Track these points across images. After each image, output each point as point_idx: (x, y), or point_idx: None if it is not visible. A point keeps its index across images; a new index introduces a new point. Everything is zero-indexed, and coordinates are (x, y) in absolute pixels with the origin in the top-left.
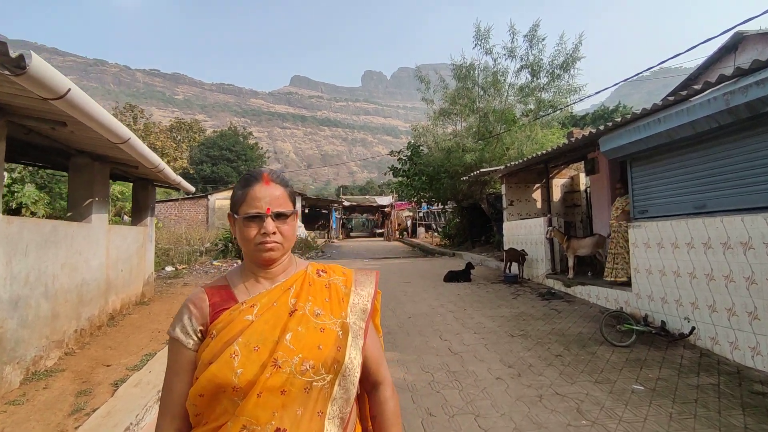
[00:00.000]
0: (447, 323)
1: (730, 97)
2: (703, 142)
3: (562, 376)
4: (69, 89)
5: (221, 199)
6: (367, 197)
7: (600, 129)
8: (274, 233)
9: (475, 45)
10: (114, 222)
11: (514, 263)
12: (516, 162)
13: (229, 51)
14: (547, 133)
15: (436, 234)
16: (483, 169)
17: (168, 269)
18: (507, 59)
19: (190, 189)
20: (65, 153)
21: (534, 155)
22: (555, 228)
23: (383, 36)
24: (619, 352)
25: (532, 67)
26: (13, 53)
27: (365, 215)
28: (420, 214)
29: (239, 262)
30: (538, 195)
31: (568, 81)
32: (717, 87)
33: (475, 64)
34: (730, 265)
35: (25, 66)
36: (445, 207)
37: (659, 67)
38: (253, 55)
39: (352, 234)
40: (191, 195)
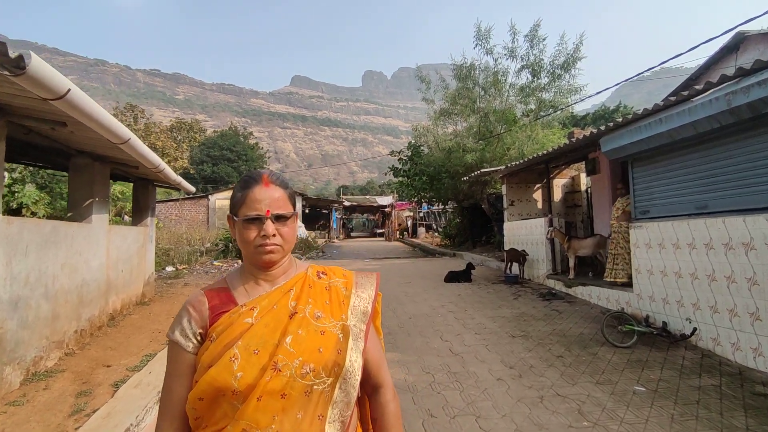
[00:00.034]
0: (448, 324)
1: (731, 98)
2: (705, 142)
3: (563, 377)
4: (69, 89)
5: (222, 199)
6: (368, 197)
7: (601, 129)
8: (274, 235)
9: (476, 45)
10: (114, 222)
11: (514, 263)
12: (517, 162)
13: (230, 51)
14: (548, 133)
15: (436, 234)
16: (484, 170)
17: (168, 269)
18: (508, 59)
19: (190, 189)
20: (65, 153)
21: (535, 155)
22: (556, 228)
23: (384, 36)
24: (621, 353)
25: (532, 67)
26: (13, 53)
27: (366, 215)
28: (420, 214)
29: (240, 262)
30: (538, 195)
31: (568, 81)
32: (719, 87)
33: (476, 64)
34: (731, 266)
35: (25, 66)
36: (446, 207)
37: (660, 67)
38: (254, 55)
39: (352, 234)
40: (192, 195)
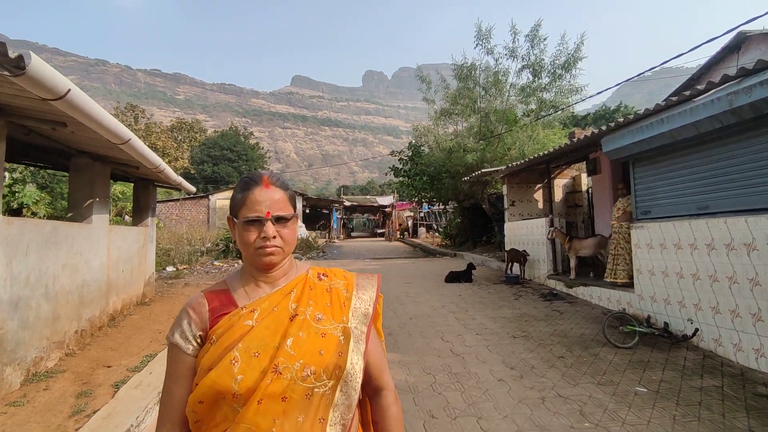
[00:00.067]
0: (449, 324)
1: (733, 98)
2: (707, 142)
3: (564, 377)
4: (69, 90)
5: (222, 199)
6: (368, 197)
7: (602, 129)
8: (274, 237)
9: (477, 45)
10: (115, 222)
11: (515, 264)
12: (517, 162)
13: (230, 51)
14: (549, 134)
15: (437, 234)
16: (484, 170)
17: (169, 269)
18: (508, 59)
19: (190, 189)
20: (66, 153)
21: (536, 155)
22: (557, 228)
23: (384, 36)
24: (622, 353)
25: (533, 67)
26: (13, 53)
27: (366, 215)
28: (421, 214)
29: (240, 262)
30: (539, 195)
31: (569, 81)
32: (721, 87)
33: (477, 64)
34: (733, 267)
35: (25, 66)
36: (446, 207)
37: (660, 67)
38: (254, 55)
39: (353, 234)
40: (192, 195)
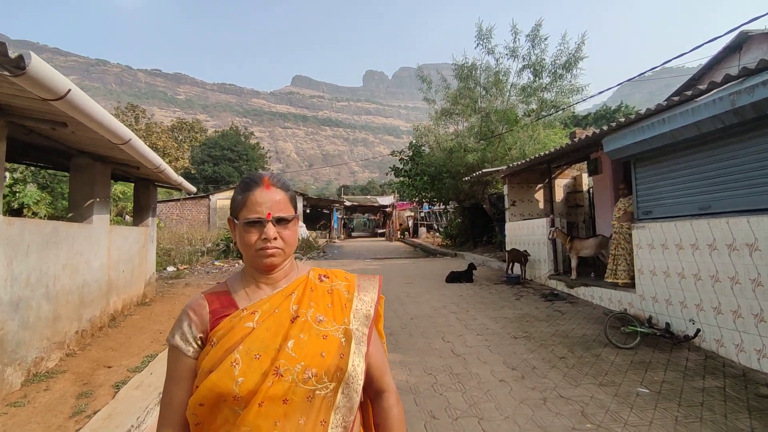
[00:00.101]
0: (450, 325)
1: (735, 98)
2: (709, 142)
3: (566, 378)
4: (69, 90)
5: (223, 199)
6: (369, 197)
7: (604, 129)
8: (275, 238)
9: (477, 45)
10: (115, 222)
11: (516, 264)
12: (518, 162)
13: (231, 51)
14: (550, 133)
15: (437, 234)
16: (485, 170)
17: (170, 269)
18: (509, 59)
19: (191, 189)
20: (66, 153)
21: (536, 155)
22: (558, 228)
23: (384, 36)
24: (624, 354)
25: (534, 67)
26: (13, 53)
27: (367, 215)
28: (421, 214)
29: (240, 262)
30: (540, 195)
31: (570, 81)
32: (722, 87)
33: (477, 63)
34: (735, 267)
35: (25, 66)
36: (447, 207)
37: (661, 67)
38: (255, 55)
39: (353, 234)
40: (193, 195)
